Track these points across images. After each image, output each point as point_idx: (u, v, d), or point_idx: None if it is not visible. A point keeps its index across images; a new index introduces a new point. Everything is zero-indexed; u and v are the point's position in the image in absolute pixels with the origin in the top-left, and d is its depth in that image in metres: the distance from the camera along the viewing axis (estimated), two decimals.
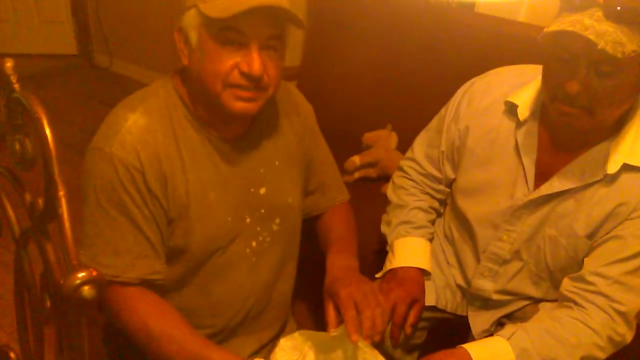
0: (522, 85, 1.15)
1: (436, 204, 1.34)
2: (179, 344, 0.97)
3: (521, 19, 2.11)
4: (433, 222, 1.34)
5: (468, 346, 1.05)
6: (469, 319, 1.30)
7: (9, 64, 0.64)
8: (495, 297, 1.24)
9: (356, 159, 1.91)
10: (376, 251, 1.48)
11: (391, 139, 2.00)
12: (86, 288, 0.55)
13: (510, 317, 1.26)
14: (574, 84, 0.96)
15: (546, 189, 1.11)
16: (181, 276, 1.08)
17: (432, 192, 1.33)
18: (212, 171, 1.05)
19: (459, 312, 1.31)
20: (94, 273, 0.56)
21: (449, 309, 1.29)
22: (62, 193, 0.58)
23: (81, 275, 0.55)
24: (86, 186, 0.98)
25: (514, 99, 1.14)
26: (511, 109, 1.14)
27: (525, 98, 1.13)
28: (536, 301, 1.22)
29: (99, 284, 0.56)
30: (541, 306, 1.17)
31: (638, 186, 1.04)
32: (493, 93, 1.18)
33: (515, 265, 1.20)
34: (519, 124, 1.13)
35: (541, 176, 1.12)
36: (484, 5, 2.15)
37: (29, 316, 0.80)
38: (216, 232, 1.06)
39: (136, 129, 0.98)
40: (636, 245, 1.04)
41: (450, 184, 1.30)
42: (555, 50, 0.97)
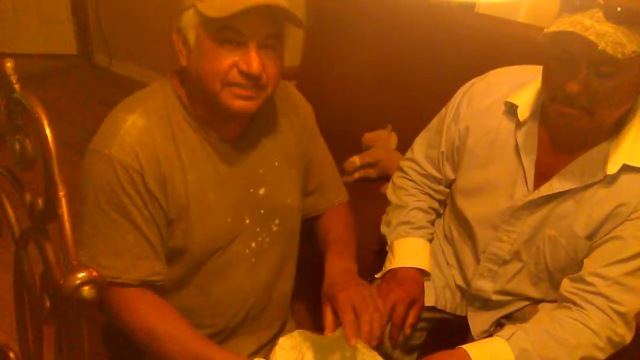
0: (522, 86, 1.15)
1: (436, 205, 1.34)
2: (180, 344, 0.97)
3: (521, 19, 2.11)
4: (433, 223, 1.34)
5: (467, 347, 1.05)
6: (468, 319, 1.30)
7: (9, 64, 0.64)
8: (495, 297, 1.24)
9: (356, 159, 1.91)
10: (376, 251, 1.48)
11: (391, 139, 2.00)
12: (86, 288, 0.55)
13: (509, 318, 1.26)
14: (574, 84, 0.96)
15: (546, 189, 1.11)
16: (181, 277, 1.08)
17: (431, 192, 1.33)
18: (211, 171, 1.05)
19: (459, 313, 1.31)
20: (94, 273, 0.56)
21: (448, 310, 1.29)
22: (62, 193, 0.58)
23: (81, 275, 0.55)
24: (85, 187, 0.98)
25: (514, 99, 1.14)
26: (511, 109, 1.15)
27: (525, 99, 1.13)
28: (536, 302, 1.22)
29: (99, 284, 0.56)
30: (541, 307, 1.17)
31: (638, 187, 1.04)
32: (493, 94, 1.18)
33: (515, 266, 1.20)
34: (519, 124, 1.13)
35: (541, 177, 1.12)
36: (484, 5, 2.15)
37: (28, 316, 0.80)
38: (216, 233, 1.06)
39: (135, 130, 0.97)
40: (636, 246, 1.04)
41: (450, 184, 1.30)
42: (556, 50, 0.97)
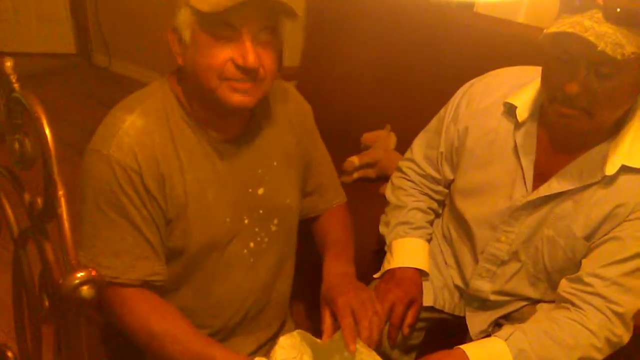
0: (521, 87, 1.15)
1: (435, 205, 1.34)
2: (181, 343, 0.97)
3: (520, 19, 2.11)
4: (431, 223, 1.34)
5: (466, 347, 1.05)
6: (466, 319, 1.30)
7: (8, 64, 0.64)
8: (493, 297, 1.24)
9: (355, 160, 1.91)
10: (374, 251, 1.48)
11: (390, 140, 1.99)
12: (85, 288, 0.55)
13: (507, 318, 1.26)
14: (573, 85, 0.96)
15: (545, 190, 1.11)
16: (179, 277, 1.08)
17: (430, 192, 1.33)
18: (210, 170, 1.05)
19: (457, 313, 1.31)
20: (92, 273, 0.55)
21: (446, 310, 1.29)
22: (61, 192, 0.58)
23: (80, 275, 0.55)
24: (84, 188, 0.98)
25: (513, 100, 1.14)
26: (510, 110, 1.15)
27: (524, 99, 1.13)
28: (534, 302, 1.22)
29: (97, 283, 0.56)
30: (539, 307, 1.17)
31: (636, 187, 1.04)
32: (492, 94, 1.18)
33: (513, 266, 1.20)
34: (518, 125, 1.13)
35: (540, 177, 1.12)
36: (483, 5, 2.15)
37: (27, 315, 0.80)
38: (215, 232, 1.06)
39: (133, 130, 0.97)
40: (634, 246, 1.04)
41: (449, 184, 1.30)
42: (555, 51, 0.98)
